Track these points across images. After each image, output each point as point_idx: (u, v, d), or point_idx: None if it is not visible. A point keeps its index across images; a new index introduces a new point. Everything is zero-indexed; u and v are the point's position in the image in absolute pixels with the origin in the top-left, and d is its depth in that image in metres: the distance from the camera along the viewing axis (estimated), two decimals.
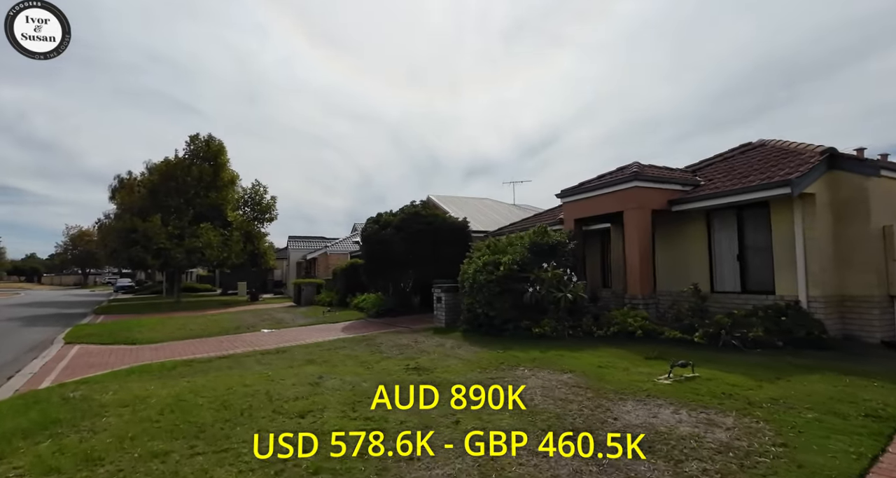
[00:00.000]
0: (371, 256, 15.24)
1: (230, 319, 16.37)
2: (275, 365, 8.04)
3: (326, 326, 13.72)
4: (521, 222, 16.71)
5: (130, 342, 11.70)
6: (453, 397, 5.54)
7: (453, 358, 8.03)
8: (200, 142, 27.30)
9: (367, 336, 11.12)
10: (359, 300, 17.45)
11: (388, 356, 8.46)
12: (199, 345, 10.99)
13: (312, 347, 9.81)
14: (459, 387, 6.02)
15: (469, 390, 5.85)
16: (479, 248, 11.64)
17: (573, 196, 11.59)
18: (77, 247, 76.95)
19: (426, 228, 15.12)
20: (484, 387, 5.96)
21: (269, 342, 10.95)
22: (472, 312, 10.59)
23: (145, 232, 23.27)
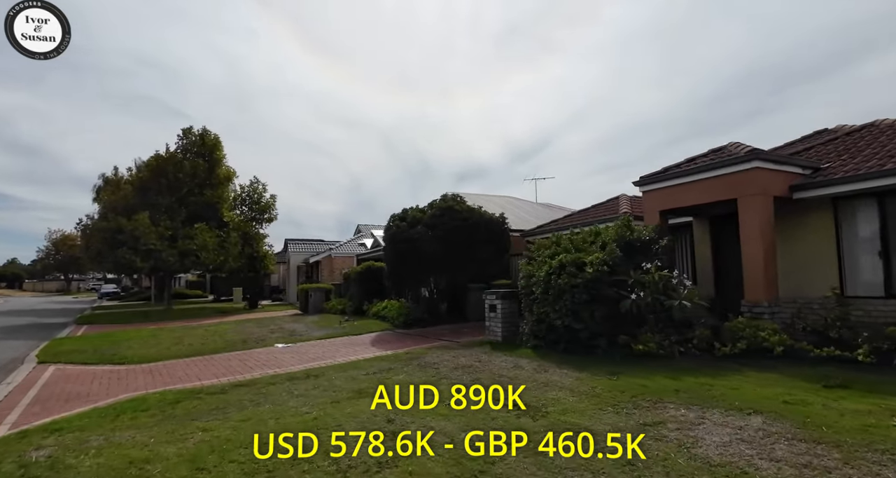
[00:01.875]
0: (398, 257, 13.21)
1: (233, 331, 14.21)
2: (314, 399, 6.00)
3: (350, 340, 11.65)
4: (563, 220, 14.79)
5: (118, 361, 9.55)
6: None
7: (555, 389, 6.04)
8: (194, 136, 25.06)
9: (410, 354, 9.08)
10: (378, 308, 15.39)
11: (460, 385, 6.44)
12: (203, 366, 8.87)
13: (351, 370, 7.76)
14: (614, 444, 4.06)
15: (626, 447, 3.91)
16: (541, 245, 9.67)
17: (657, 184, 9.67)
18: (60, 252, 73.72)
19: (461, 226, 13.14)
20: (645, 441, 4.03)
21: (291, 362, 8.87)
22: (544, 323, 8.61)
23: (132, 232, 20.98)
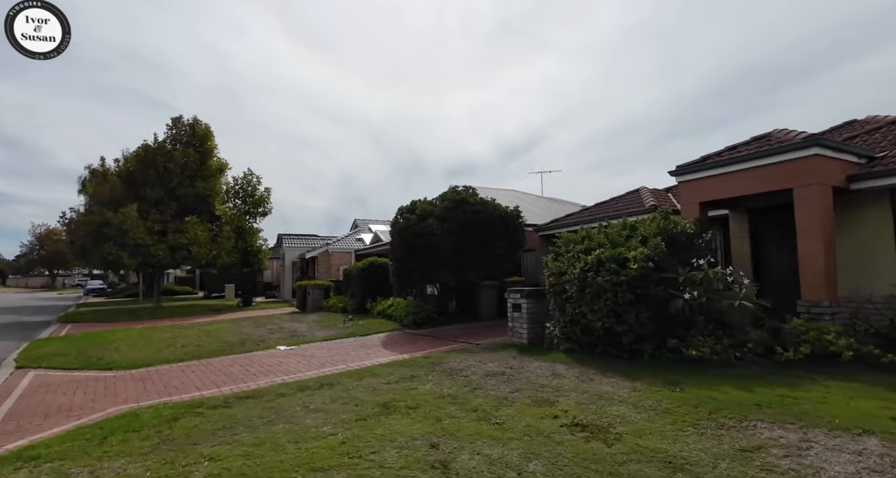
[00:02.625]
0: (407, 252, 12.37)
1: (229, 331, 13.30)
2: (335, 415, 5.17)
3: (358, 341, 10.80)
4: (579, 214, 14.02)
5: (105, 367, 8.64)
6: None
7: (613, 402, 5.26)
8: (184, 125, 23.91)
9: (430, 358, 8.26)
10: (383, 306, 14.55)
11: (499, 396, 5.66)
12: (201, 372, 7.99)
13: (368, 378, 6.93)
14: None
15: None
16: (570, 240, 8.88)
17: (696, 173, 8.91)
18: (44, 247, 71.75)
19: (475, 219, 12.33)
20: (757, 474, 3.33)
21: (299, 367, 8.02)
22: (578, 324, 7.84)
23: (120, 226, 19.90)
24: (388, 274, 16.51)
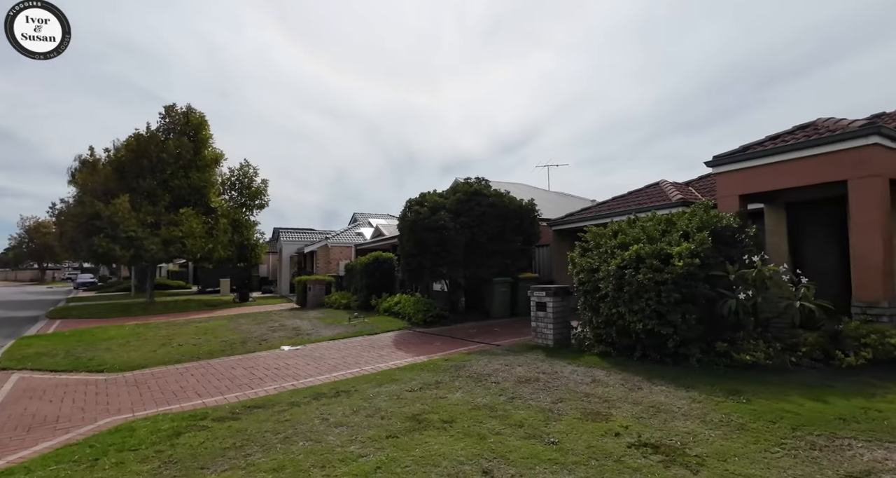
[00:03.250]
0: (417, 247, 11.70)
1: (228, 328, 12.61)
2: (361, 430, 4.52)
3: (367, 341, 10.16)
4: (597, 208, 13.42)
5: (96, 369, 7.95)
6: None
7: (675, 416, 4.66)
8: (177, 114, 23.03)
9: (451, 361, 7.63)
10: (390, 303, 13.89)
11: (542, 408, 5.04)
12: (201, 375, 7.32)
13: (388, 384, 6.28)
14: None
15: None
16: (599, 235, 8.26)
17: (736, 164, 8.31)
18: (33, 240, 70.35)
19: (490, 212, 11.70)
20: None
21: (309, 371, 7.37)
22: (614, 325, 7.24)
23: (111, 218, 19.08)
24: (393, 269, 15.88)
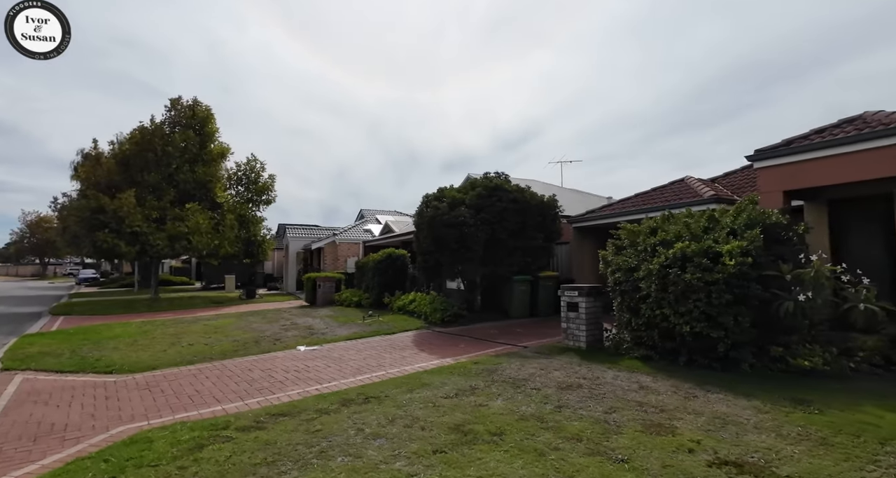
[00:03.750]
0: (436, 244, 11.28)
1: (238, 327, 12.19)
2: (402, 444, 4.10)
3: (386, 341, 9.74)
4: (619, 205, 12.97)
5: (104, 369, 7.53)
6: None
7: (746, 429, 4.23)
8: (183, 107, 22.54)
9: (480, 364, 7.20)
10: (404, 302, 13.47)
11: (596, 418, 4.61)
12: (217, 378, 6.90)
13: (420, 389, 5.86)
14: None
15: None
16: (636, 231, 7.82)
17: (781, 158, 7.87)
18: (35, 235, 70.03)
19: (512, 208, 11.26)
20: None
21: (331, 373, 6.94)
22: (656, 328, 6.82)
23: (116, 212, 18.65)
24: (406, 267, 15.47)
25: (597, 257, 14.03)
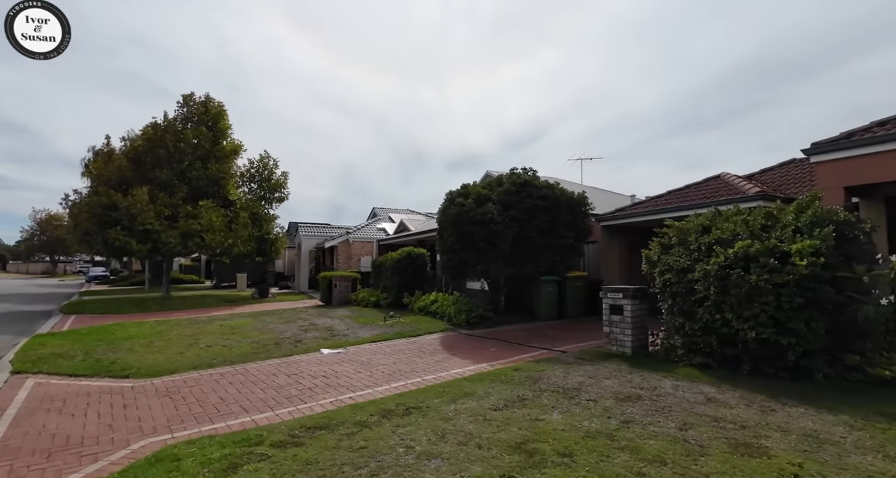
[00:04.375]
0: (461, 243, 10.79)
1: (255, 327, 11.77)
2: (458, 463, 3.64)
3: (413, 344, 9.27)
4: (651, 202, 12.43)
5: (120, 373, 7.11)
6: None
7: (845, 450, 3.73)
8: (196, 103, 22.17)
9: (520, 370, 6.72)
10: (425, 302, 13.01)
11: (673, 436, 4.12)
12: (241, 384, 6.45)
13: (463, 399, 5.38)
14: None
15: None
16: (685, 229, 7.29)
17: (841, 152, 7.33)
18: (45, 232, 70.21)
19: (542, 205, 10.76)
20: None
21: (362, 379, 6.49)
22: (713, 333, 6.31)
23: (128, 209, 18.30)
24: (425, 266, 15.01)
25: (625, 257, 13.62)
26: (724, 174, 11.79)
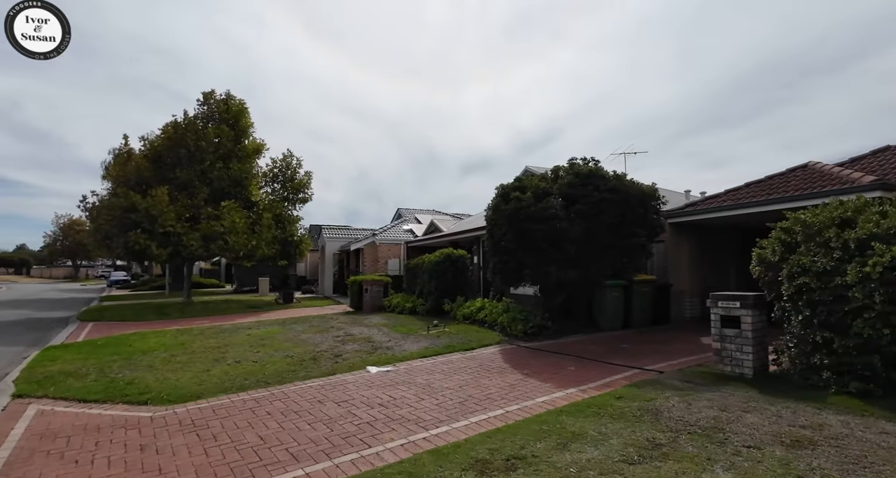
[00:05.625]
0: (519, 243, 9.52)
1: (286, 338, 10.62)
2: None
3: (470, 360, 8.04)
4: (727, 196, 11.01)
5: (138, 399, 5.98)
6: None
7: None
8: (216, 101, 21.24)
9: (624, 399, 5.43)
10: (470, 310, 11.78)
11: None
12: (280, 414, 5.26)
13: (573, 441, 4.12)
14: None
15: None
16: (808, 224, 5.92)
17: None
18: (67, 237, 70.56)
19: (611, 199, 9.44)
20: None
21: (429, 410, 5.25)
22: (876, 352, 4.94)
23: (148, 211, 17.37)
24: (466, 269, 13.79)
25: (696, 258, 12.22)
26: (813, 163, 10.36)
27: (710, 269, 12.49)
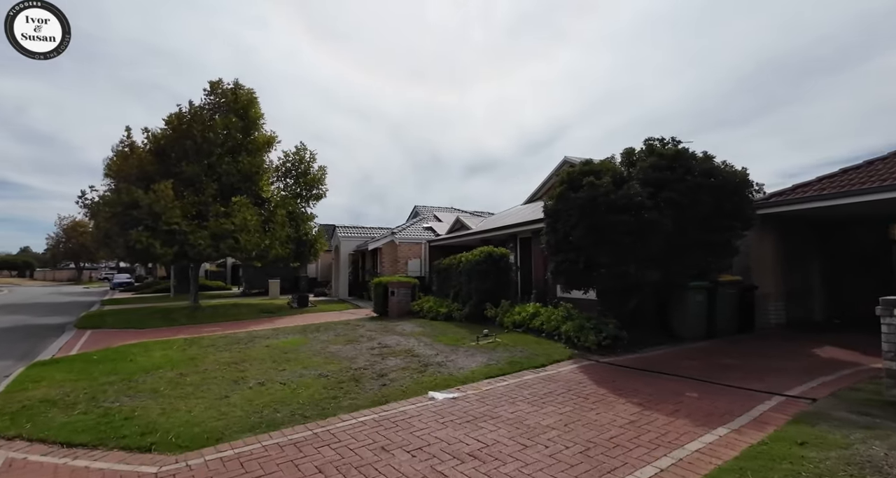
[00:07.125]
0: (593, 237, 7.97)
1: (312, 350, 9.10)
2: None
3: (553, 384, 6.51)
4: (822, 184, 9.45)
5: (138, 442, 4.48)
6: None
7: None
8: (224, 90, 19.71)
9: (807, 446, 3.88)
10: (521, 317, 10.27)
11: None
12: (334, 466, 3.75)
13: None
14: None
15: None
16: None
17: None
18: (70, 239, 69.35)
19: (703, 185, 7.92)
20: None
21: (546, 468, 3.71)
22: None
23: (151, 207, 15.89)
24: (509, 270, 12.25)
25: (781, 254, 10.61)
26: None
27: (790, 268, 10.96)
